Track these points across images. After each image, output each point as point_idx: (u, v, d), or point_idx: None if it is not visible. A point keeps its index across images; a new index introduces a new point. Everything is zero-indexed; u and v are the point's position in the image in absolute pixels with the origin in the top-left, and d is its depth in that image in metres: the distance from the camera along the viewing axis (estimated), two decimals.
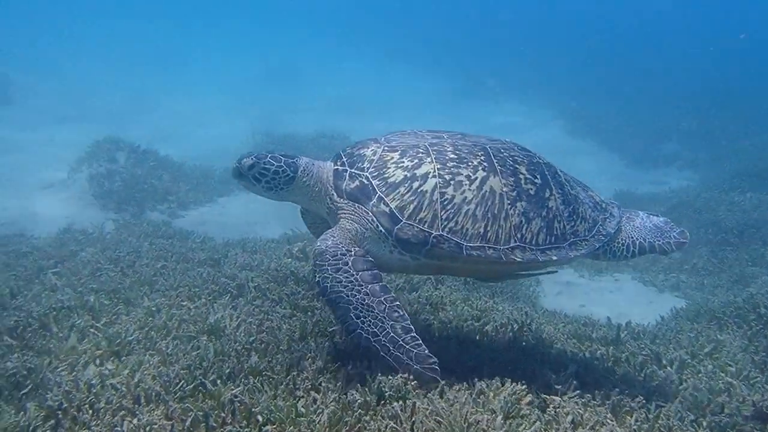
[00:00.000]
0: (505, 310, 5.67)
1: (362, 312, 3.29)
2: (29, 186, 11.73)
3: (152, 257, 6.98)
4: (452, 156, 3.58)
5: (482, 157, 3.63)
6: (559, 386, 3.67)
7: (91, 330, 4.76)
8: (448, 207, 3.47)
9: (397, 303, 3.38)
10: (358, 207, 3.56)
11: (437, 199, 3.46)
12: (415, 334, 3.29)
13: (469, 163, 3.57)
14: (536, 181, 3.72)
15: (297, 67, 30.43)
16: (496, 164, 3.62)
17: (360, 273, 3.40)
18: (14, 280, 6.03)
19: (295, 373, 3.62)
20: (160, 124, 18.47)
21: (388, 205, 3.46)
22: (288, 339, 4.29)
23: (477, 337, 4.85)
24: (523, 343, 4.74)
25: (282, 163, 3.71)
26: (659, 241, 4.09)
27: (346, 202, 3.61)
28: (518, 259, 3.51)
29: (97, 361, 4.29)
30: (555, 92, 25.19)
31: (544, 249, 3.61)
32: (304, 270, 6.00)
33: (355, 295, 3.32)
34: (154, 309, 5.06)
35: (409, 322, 3.32)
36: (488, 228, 3.49)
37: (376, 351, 3.25)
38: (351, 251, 3.48)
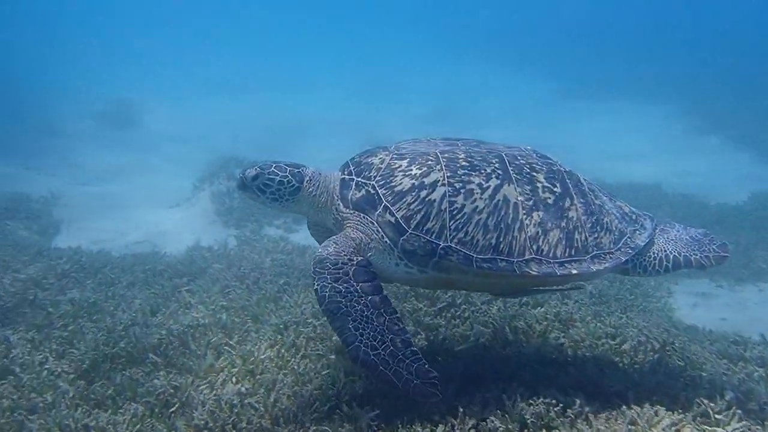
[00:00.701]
0: (641, 327, 5.29)
1: (361, 324, 3.13)
2: (159, 205, 12.53)
3: (275, 273, 7.19)
4: (464, 164, 3.42)
5: (496, 165, 3.46)
6: (720, 416, 3.33)
7: (226, 348, 4.94)
8: (458, 217, 3.30)
9: (397, 316, 3.23)
10: (364, 217, 3.41)
11: (446, 208, 3.29)
12: (415, 349, 3.14)
13: (482, 171, 3.40)
14: (555, 189, 3.51)
15: (397, 73, 30.57)
16: (512, 172, 3.45)
17: (360, 284, 3.24)
18: (153, 298, 6.42)
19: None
20: (271, 140, 19.14)
21: (394, 215, 3.31)
22: None
23: (615, 358, 4.54)
24: (669, 365, 4.38)
25: (287, 173, 3.62)
26: (696, 254, 3.80)
27: (352, 212, 3.47)
28: (533, 273, 3.30)
29: (234, 380, 4.44)
30: (669, 87, 23.65)
31: (563, 262, 3.38)
32: None
33: (354, 306, 3.16)
34: (282, 326, 5.17)
35: (409, 336, 3.18)
36: (501, 239, 3.31)
37: (374, 365, 3.04)
38: (353, 260, 3.32)
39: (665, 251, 3.81)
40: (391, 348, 3.09)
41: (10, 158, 15.15)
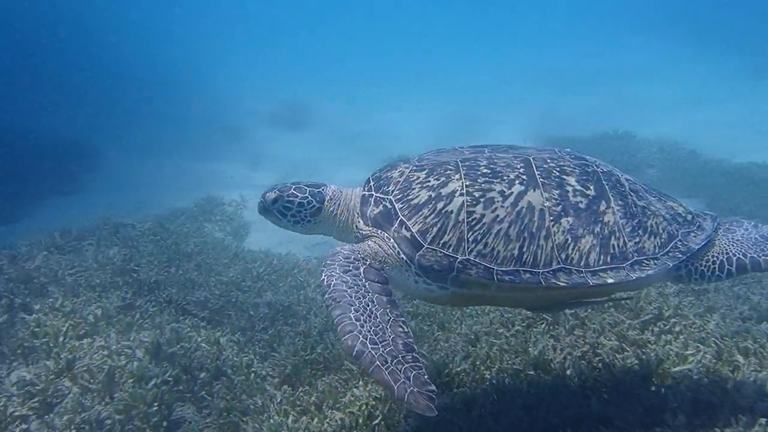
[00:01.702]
0: None
1: (363, 316, 2.90)
2: None
3: None
4: (485, 171, 3.20)
5: (521, 170, 3.21)
6: None
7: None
8: (476, 227, 3.07)
9: (403, 319, 2.98)
10: (381, 233, 3.23)
11: (464, 219, 3.07)
12: (417, 355, 2.84)
13: (505, 178, 3.16)
14: (588, 192, 3.21)
15: (573, 64, 29.16)
16: (539, 176, 3.19)
17: (369, 281, 3.06)
18: None
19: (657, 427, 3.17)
20: (447, 134, 19.14)
21: (410, 230, 3.12)
22: (629, 380, 3.84)
23: None
24: None
25: (306, 194, 3.52)
26: (766, 255, 3.29)
27: (371, 229, 3.30)
28: (561, 284, 3.01)
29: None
30: None
31: (596, 271, 3.07)
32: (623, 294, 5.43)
33: (360, 299, 2.96)
34: (472, 337, 5.02)
35: (413, 340, 2.90)
36: (524, 249, 3.05)
37: (370, 359, 2.74)
38: (366, 260, 3.17)
39: (728, 253, 3.35)
40: (392, 347, 2.83)
41: (201, 161, 16.76)
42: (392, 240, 3.17)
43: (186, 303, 6.39)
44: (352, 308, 2.92)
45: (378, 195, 3.33)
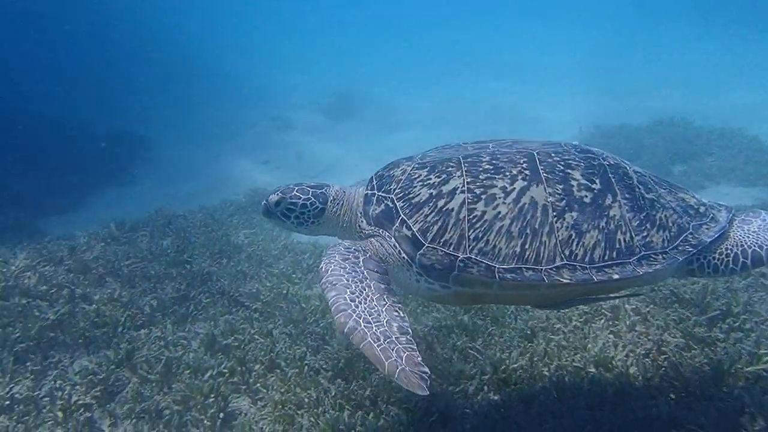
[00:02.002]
0: None
1: (358, 297, 2.90)
2: None
3: None
4: (487, 167, 3.16)
5: (524, 165, 3.16)
6: None
7: (471, 351, 4.81)
8: (477, 225, 3.03)
9: (400, 305, 2.96)
10: (383, 232, 3.22)
11: (464, 216, 3.04)
12: (411, 338, 2.80)
13: (507, 173, 3.13)
14: (593, 186, 3.15)
15: (627, 48, 28.23)
16: (542, 171, 3.14)
17: (367, 270, 3.07)
18: None
19: None
20: (493, 126, 18.85)
21: (410, 229, 3.10)
22: (699, 380, 3.67)
23: None
24: None
25: (309, 195, 3.53)
26: None
27: (373, 228, 3.29)
28: (565, 280, 2.95)
29: (485, 388, 4.27)
30: None
31: (602, 267, 3.01)
32: (687, 290, 5.21)
33: (357, 283, 2.96)
34: (528, 332, 4.89)
35: (408, 325, 2.87)
36: (527, 246, 3.00)
37: (362, 335, 2.72)
38: (367, 253, 3.18)
39: (742, 245, 3.25)
40: (386, 328, 2.79)
41: (247, 154, 16.94)
42: (393, 239, 3.16)
43: (238, 295, 6.45)
44: (347, 290, 2.93)
45: (380, 194, 3.32)
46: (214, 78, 25.39)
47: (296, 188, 3.59)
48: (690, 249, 3.16)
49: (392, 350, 2.69)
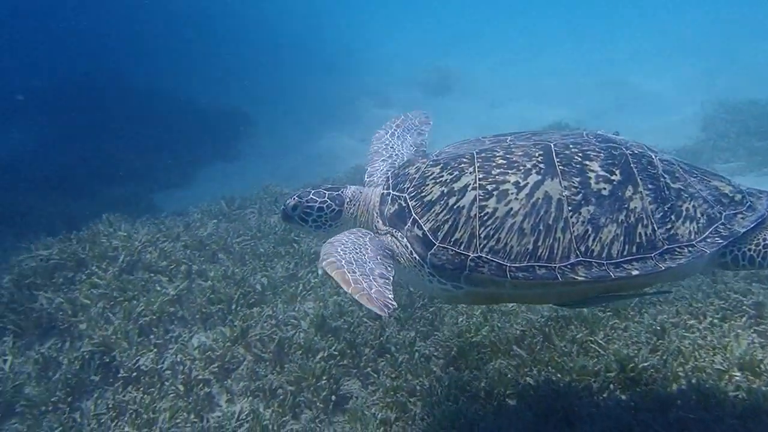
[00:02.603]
0: None
1: (350, 250, 2.90)
2: None
3: None
4: (500, 162, 3.04)
5: (539, 158, 3.02)
6: None
7: (592, 346, 4.51)
8: (489, 222, 2.91)
9: (392, 273, 2.87)
10: (396, 232, 3.13)
11: (476, 214, 2.93)
12: (390, 283, 2.74)
13: (520, 168, 2.99)
14: (613, 178, 2.98)
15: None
16: (558, 164, 2.99)
17: (370, 248, 2.99)
18: None
19: None
20: (600, 103, 17.89)
21: (421, 228, 3.02)
22: None
23: None
24: None
25: (325, 198, 3.49)
26: None
27: (388, 228, 3.20)
28: (580, 278, 2.81)
29: (611, 386, 3.99)
30: None
31: (620, 263, 2.85)
32: None
33: (355, 249, 2.93)
34: (658, 328, 4.52)
35: (392, 276, 2.82)
36: (539, 243, 2.86)
37: (338, 265, 2.73)
38: (377, 238, 3.17)
39: None
40: (366, 270, 2.78)
41: (346, 131, 17.01)
42: (405, 239, 3.09)
43: None
44: (340, 248, 2.93)
45: (395, 193, 3.27)
46: (313, 55, 25.70)
47: (312, 191, 3.59)
48: (720, 241, 2.96)
49: (363, 281, 2.69)
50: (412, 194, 3.17)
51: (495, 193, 2.95)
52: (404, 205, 3.17)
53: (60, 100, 17.58)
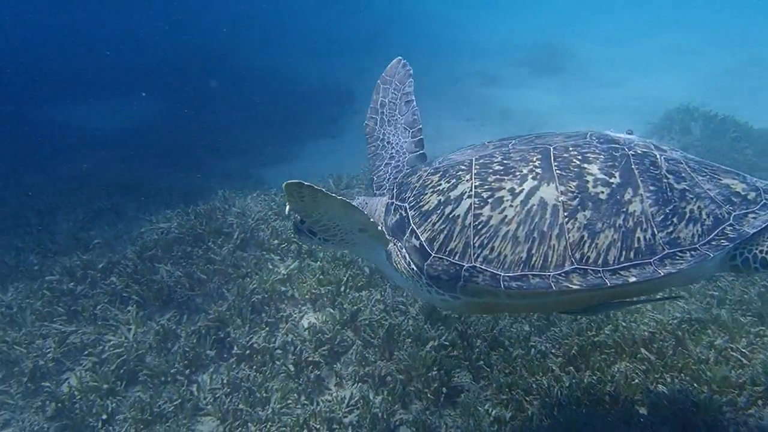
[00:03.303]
0: None
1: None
2: None
3: None
4: (497, 168, 2.94)
5: (536, 163, 2.89)
6: None
7: (733, 354, 4.08)
8: (483, 231, 2.83)
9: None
10: (397, 243, 3.06)
11: (470, 223, 2.85)
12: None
13: (516, 173, 2.88)
14: (612, 180, 2.80)
15: None
16: (555, 168, 2.86)
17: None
18: None
19: None
20: (731, 82, 16.41)
21: (419, 238, 2.95)
22: None
23: None
24: None
25: None
26: None
27: (391, 239, 3.11)
28: (575, 286, 2.64)
29: (759, 403, 3.56)
30: None
31: (617, 269, 2.66)
32: None
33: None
34: None
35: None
36: (533, 251, 2.74)
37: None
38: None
39: None
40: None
41: (451, 110, 16.67)
42: (404, 249, 3.02)
43: None
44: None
45: (396, 203, 3.22)
46: (418, 35, 25.41)
47: None
48: (725, 243, 2.76)
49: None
50: (412, 204, 3.13)
51: (490, 200, 2.88)
52: (404, 215, 3.14)
53: (183, 75, 18.60)
